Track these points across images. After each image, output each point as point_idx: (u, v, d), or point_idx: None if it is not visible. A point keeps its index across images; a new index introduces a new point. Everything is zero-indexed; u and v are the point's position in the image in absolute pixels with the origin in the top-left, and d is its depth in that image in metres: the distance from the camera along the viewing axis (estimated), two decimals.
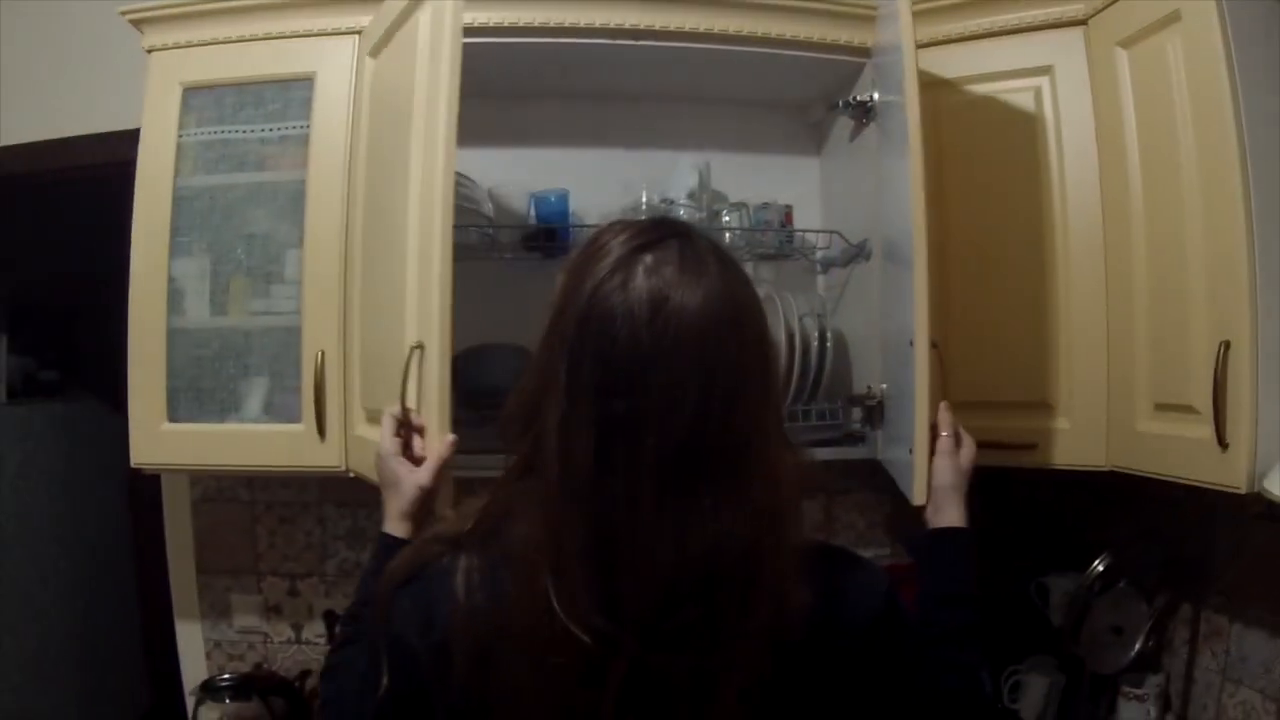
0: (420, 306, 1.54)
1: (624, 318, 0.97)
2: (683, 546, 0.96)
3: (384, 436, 1.47)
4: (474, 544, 1.08)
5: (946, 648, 1.33)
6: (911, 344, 1.64)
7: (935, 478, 1.56)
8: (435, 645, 1.04)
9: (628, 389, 0.97)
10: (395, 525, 1.43)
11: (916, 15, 1.96)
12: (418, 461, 1.46)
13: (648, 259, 0.99)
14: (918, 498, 1.59)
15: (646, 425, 0.96)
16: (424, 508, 1.43)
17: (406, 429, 1.50)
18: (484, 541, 1.07)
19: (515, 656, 0.99)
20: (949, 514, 1.52)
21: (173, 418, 2.04)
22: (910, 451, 1.65)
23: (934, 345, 1.65)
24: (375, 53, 1.97)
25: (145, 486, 2.49)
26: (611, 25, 2.01)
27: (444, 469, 1.44)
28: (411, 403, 1.51)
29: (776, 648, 0.98)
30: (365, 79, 2.00)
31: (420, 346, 1.51)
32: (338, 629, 1.43)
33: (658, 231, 1.04)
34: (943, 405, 1.63)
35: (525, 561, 1.00)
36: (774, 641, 0.98)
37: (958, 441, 1.60)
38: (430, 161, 1.56)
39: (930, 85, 2.05)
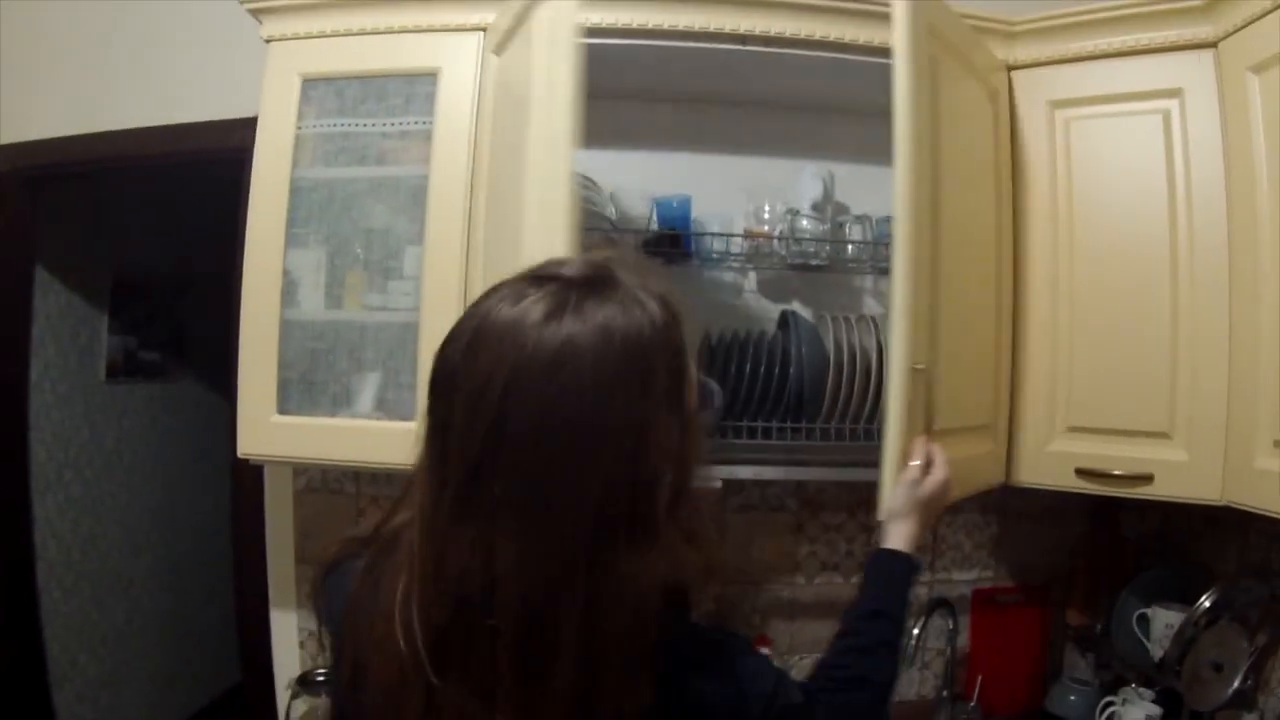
0: None
1: (455, 336, 1.01)
2: (467, 561, 0.94)
3: None
4: (377, 544, 1.11)
5: (864, 659, 1.37)
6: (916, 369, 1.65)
7: (890, 501, 1.58)
8: (335, 638, 1.13)
9: (442, 397, 1.00)
10: None
11: (1046, 31, 2.07)
12: None
13: (510, 291, 1.00)
14: (879, 514, 1.61)
15: (450, 433, 0.97)
16: None
17: None
18: (385, 542, 1.09)
19: (373, 662, 1.01)
20: (893, 537, 1.54)
21: (282, 409, 2.04)
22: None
23: (919, 369, 1.65)
24: (499, 50, 1.96)
25: (248, 471, 2.52)
26: (741, 31, 1.98)
27: None
28: None
29: None
30: (490, 76, 1.99)
31: None
32: None
33: (556, 271, 1.02)
34: (920, 438, 1.64)
35: (394, 566, 1.03)
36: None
37: (926, 470, 1.60)
38: (550, 163, 1.55)
39: (1060, 103, 2.07)
